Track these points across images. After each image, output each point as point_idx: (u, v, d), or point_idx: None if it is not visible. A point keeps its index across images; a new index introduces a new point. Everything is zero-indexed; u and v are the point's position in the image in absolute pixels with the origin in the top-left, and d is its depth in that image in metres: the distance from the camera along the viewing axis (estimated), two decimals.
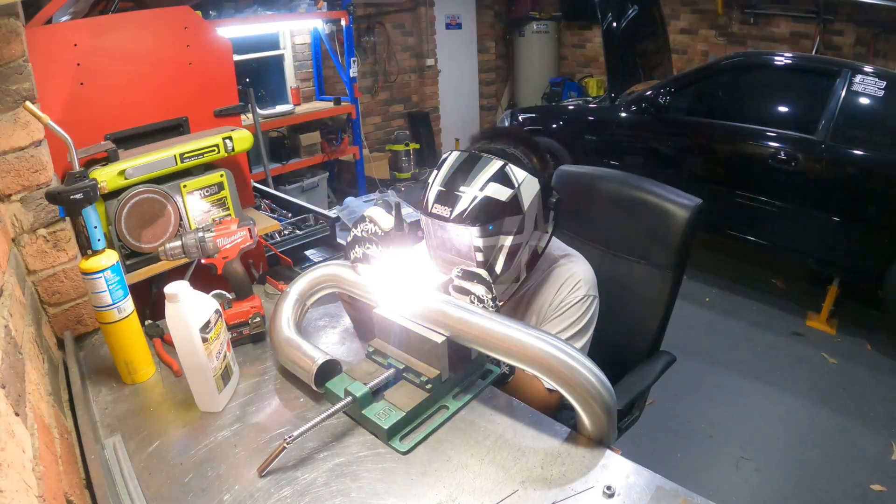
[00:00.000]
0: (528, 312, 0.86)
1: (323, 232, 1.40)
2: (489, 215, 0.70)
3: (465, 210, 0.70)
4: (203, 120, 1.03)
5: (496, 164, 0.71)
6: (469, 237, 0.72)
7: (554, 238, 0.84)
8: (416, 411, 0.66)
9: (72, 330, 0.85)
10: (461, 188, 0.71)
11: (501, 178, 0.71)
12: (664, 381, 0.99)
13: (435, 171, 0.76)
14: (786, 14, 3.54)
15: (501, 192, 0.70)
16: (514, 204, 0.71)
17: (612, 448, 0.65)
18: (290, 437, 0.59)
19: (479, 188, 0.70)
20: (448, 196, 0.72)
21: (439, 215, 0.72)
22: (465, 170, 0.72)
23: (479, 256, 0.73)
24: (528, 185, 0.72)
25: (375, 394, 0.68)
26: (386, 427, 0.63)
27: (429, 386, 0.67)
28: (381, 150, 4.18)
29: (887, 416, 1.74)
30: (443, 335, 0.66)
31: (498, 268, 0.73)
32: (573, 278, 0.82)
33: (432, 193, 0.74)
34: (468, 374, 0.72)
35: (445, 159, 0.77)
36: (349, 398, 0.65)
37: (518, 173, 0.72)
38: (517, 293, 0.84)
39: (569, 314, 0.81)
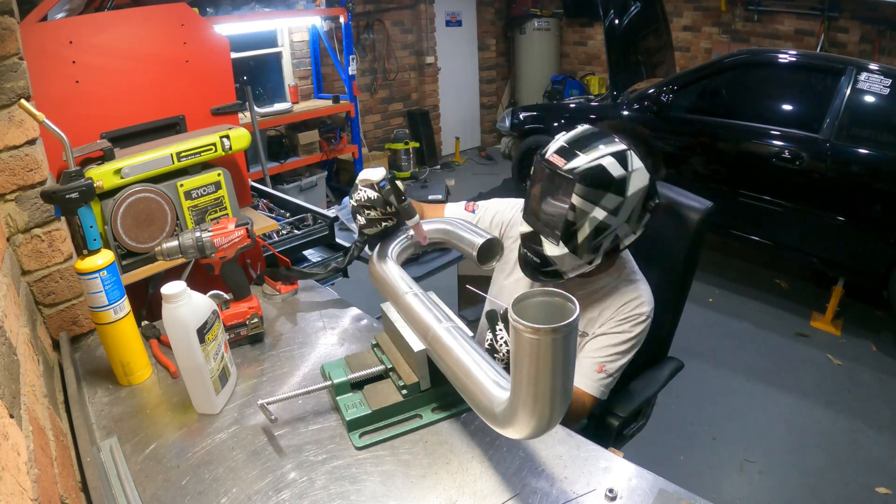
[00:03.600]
0: (594, 311, 0.87)
1: (321, 231, 1.39)
2: (596, 181, 0.75)
3: (578, 167, 0.75)
4: (200, 118, 1.02)
5: (619, 146, 0.77)
6: (569, 193, 0.76)
7: (632, 259, 0.90)
8: (383, 412, 0.66)
9: (67, 331, 0.84)
10: (582, 150, 0.77)
11: (620, 157, 0.76)
12: None
13: (564, 132, 0.83)
14: (790, 11, 3.52)
15: (615, 168, 0.75)
16: (621, 184, 0.75)
17: (615, 450, 0.64)
18: (259, 402, 0.63)
19: (598, 156, 0.75)
20: (567, 152, 0.77)
21: (553, 163, 0.77)
22: (591, 138, 0.78)
23: (570, 216, 0.75)
24: (638, 175, 0.77)
25: (358, 385, 0.69)
26: (347, 419, 0.65)
27: (405, 391, 0.67)
28: (381, 148, 4.18)
29: (893, 418, 1.72)
30: (421, 344, 0.65)
31: (580, 236, 0.76)
32: (640, 297, 0.86)
33: (554, 145, 0.80)
34: (453, 391, 0.68)
35: (577, 126, 0.84)
36: (328, 382, 0.68)
37: (635, 161, 0.77)
38: (591, 287, 0.87)
39: (623, 333, 0.84)
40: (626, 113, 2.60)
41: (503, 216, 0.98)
